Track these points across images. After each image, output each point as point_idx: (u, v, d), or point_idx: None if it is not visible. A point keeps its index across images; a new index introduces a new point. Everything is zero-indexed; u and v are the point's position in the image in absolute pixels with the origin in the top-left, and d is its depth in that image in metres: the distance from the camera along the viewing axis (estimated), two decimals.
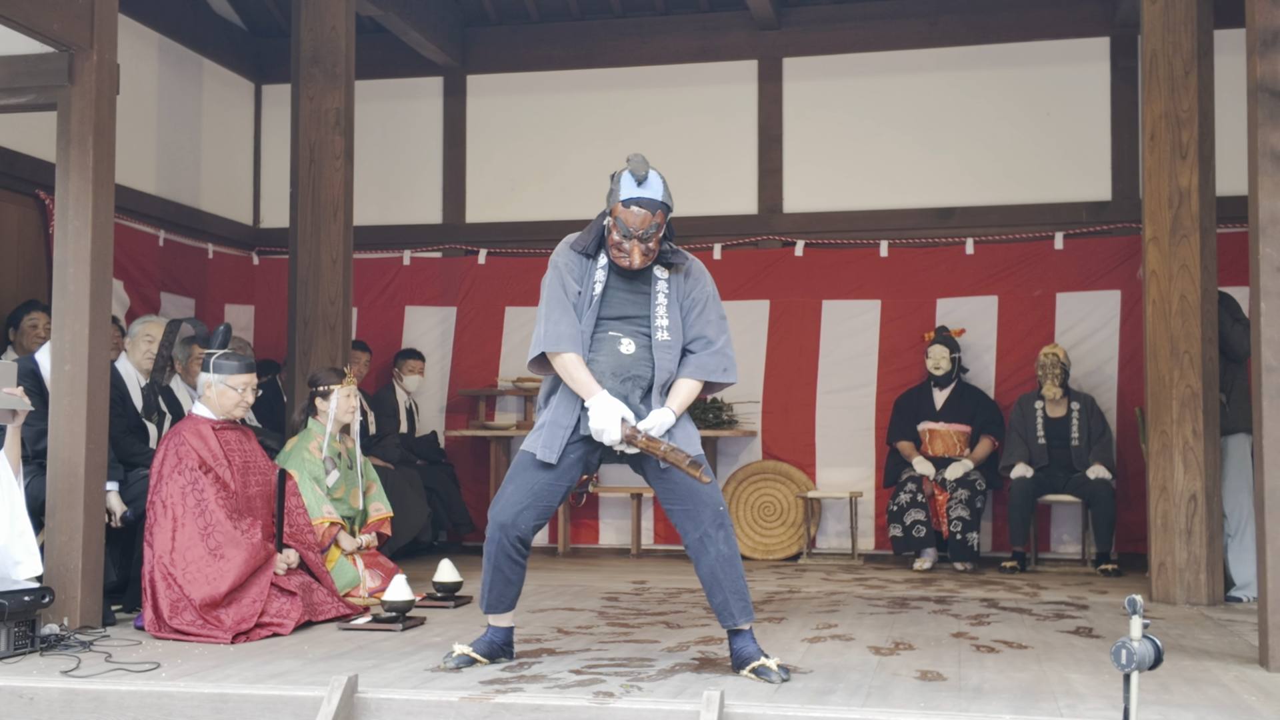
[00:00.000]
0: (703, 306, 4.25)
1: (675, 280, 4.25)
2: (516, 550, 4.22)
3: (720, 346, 4.24)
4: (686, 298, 4.25)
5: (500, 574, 4.25)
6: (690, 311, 4.25)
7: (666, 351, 4.20)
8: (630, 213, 4.08)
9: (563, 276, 4.22)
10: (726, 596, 4.10)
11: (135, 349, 6.00)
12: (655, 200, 4.08)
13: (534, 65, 8.89)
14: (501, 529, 4.19)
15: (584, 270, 4.25)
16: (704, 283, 4.29)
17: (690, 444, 4.18)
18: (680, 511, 4.13)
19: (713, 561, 4.09)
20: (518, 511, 4.17)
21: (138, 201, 7.81)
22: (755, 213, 8.55)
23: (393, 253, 8.98)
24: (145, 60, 7.98)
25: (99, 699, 3.88)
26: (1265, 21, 4.44)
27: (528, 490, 4.18)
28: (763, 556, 8.07)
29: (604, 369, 4.17)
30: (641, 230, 4.08)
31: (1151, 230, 6.03)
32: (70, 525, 4.95)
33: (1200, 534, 5.88)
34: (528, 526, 4.19)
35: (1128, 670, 2.85)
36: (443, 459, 8.50)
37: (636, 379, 4.18)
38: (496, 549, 4.21)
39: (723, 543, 4.09)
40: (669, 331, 4.21)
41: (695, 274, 4.29)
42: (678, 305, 4.24)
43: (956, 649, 4.69)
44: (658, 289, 4.23)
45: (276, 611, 4.95)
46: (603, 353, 4.19)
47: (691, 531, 4.11)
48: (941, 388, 7.84)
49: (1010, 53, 8.27)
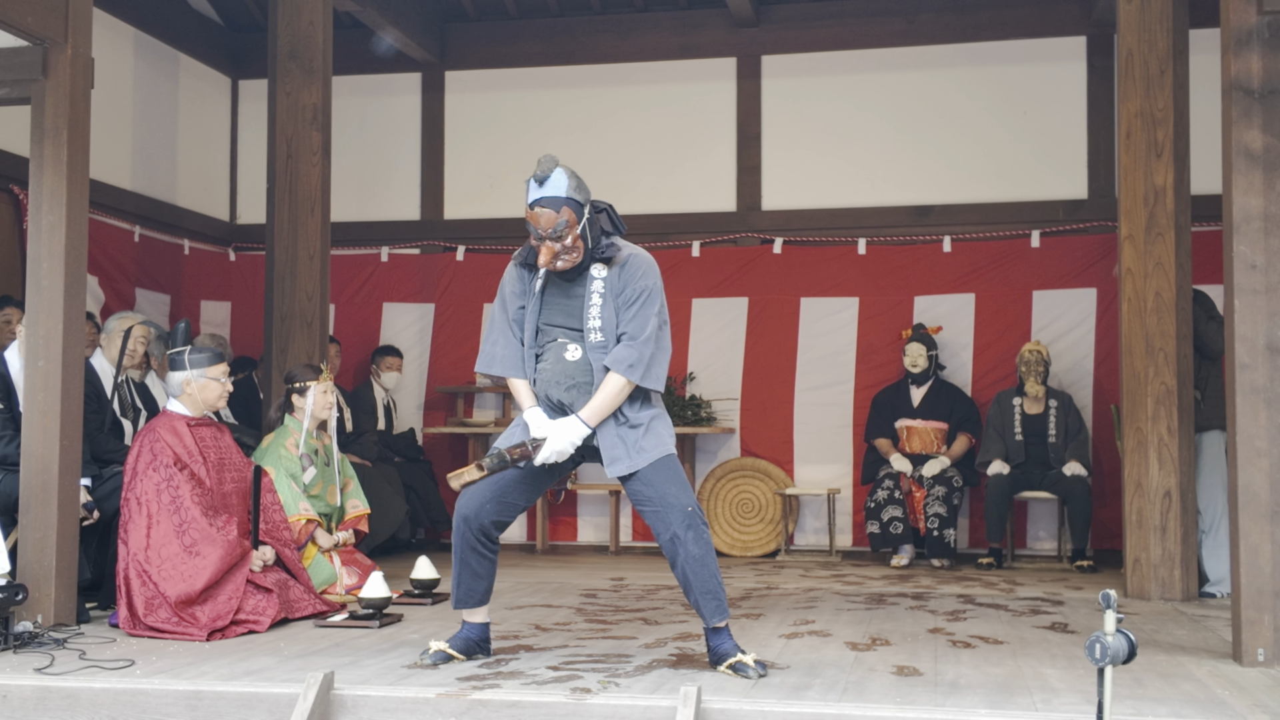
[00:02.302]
0: (631, 303, 4.11)
1: (612, 276, 4.16)
2: (481, 544, 4.22)
3: (640, 341, 4.07)
4: (621, 294, 4.13)
5: (467, 567, 4.25)
6: (623, 307, 4.13)
7: (601, 353, 4.13)
8: (534, 214, 4.05)
9: (504, 295, 4.29)
10: (698, 598, 4.09)
11: (110, 345, 5.97)
12: (557, 198, 4.02)
13: (513, 62, 8.87)
14: (464, 521, 4.20)
15: (526, 283, 4.26)
16: (638, 277, 4.13)
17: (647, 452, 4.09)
18: (650, 513, 4.10)
19: (683, 563, 4.07)
20: (480, 504, 4.18)
21: (113, 196, 7.76)
22: (734, 210, 8.56)
23: (370, 249, 8.95)
24: (120, 54, 7.93)
25: (73, 696, 3.85)
26: (1239, 21, 4.47)
27: (492, 484, 4.19)
28: (741, 553, 8.08)
29: (550, 378, 4.17)
30: (549, 230, 4.02)
31: (1127, 228, 6.06)
32: (44, 522, 4.91)
33: (1174, 530, 5.92)
34: (489, 520, 4.20)
35: (1102, 665, 2.86)
36: (420, 456, 8.48)
37: (581, 385, 4.15)
38: (461, 541, 4.23)
39: (692, 544, 4.05)
40: (601, 332, 4.13)
41: (631, 268, 4.14)
42: (612, 303, 4.14)
43: (933, 644, 4.70)
44: (592, 289, 4.16)
45: (252, 609, 4.93)
46: (549, 360, 4.19)
47: (662, 533, 4.09)
48: (919, 385, 7.86)
49: (987, 51, 8.30)
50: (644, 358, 4.08)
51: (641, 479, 4.10)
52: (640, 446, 4.12)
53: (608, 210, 4.25)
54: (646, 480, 4.09)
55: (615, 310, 4.13)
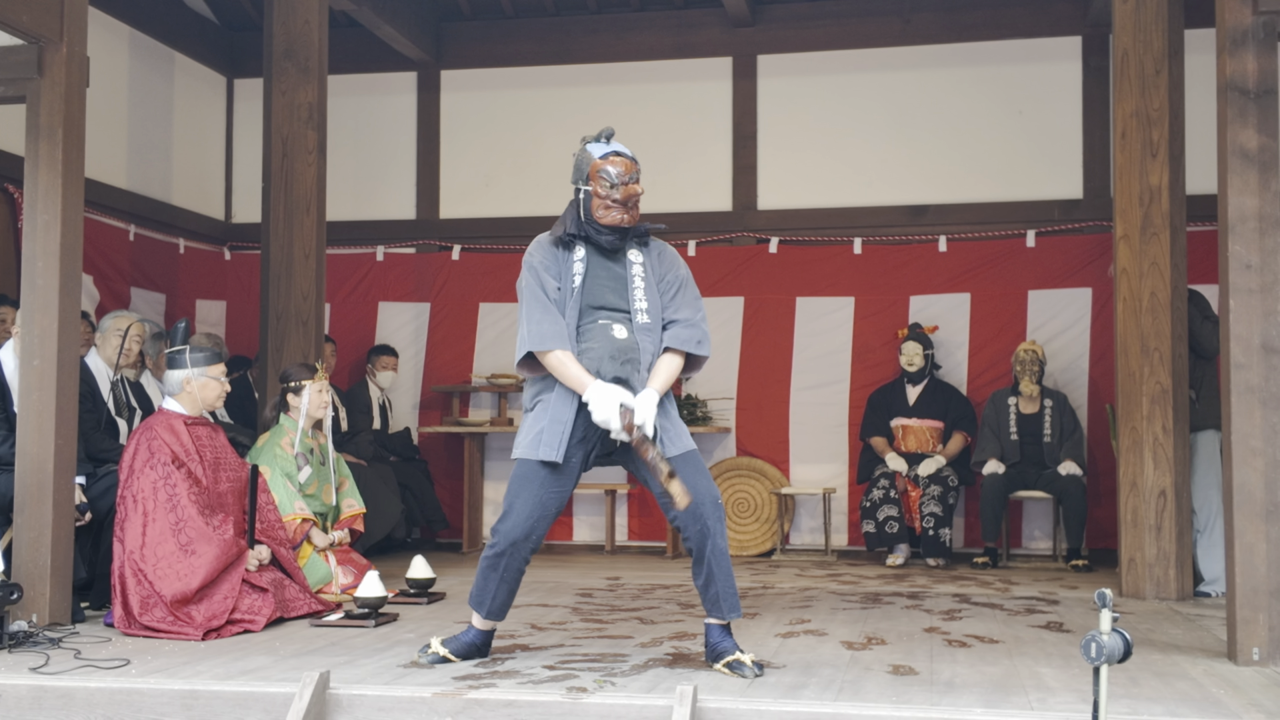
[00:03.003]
0: (678, 288, 4.28)
1: (650, 262, 4.28)
2: (526, 561, 4.22)
3: (696, 321, 4.25)
4: (662, 280, 4.28)
5: (507, 584, 4.23)
6: (666, 293, 4.26)
7: (648, 334, 4.20)
8: (611, 161, 4.20)
9: (539, 275, 4.19)
10: (719, 590, 4.10)
11: (106, 344, 5.96)
12: (627, 154, 4.24)
13: (509, 61, 8.87)
14: (514, 546, 4.14)
15: (561, 265, 4.22)
16: (678, 265, 4.34)
17: (680, 440, 4.15)
18: (684, 512, 4.03)
19: (710, 555, 4.07)
20: (531, 525, 4.13)
21: (108, 196, 7.75)
22: (730, 209, 8.56)
23: (366, 248, 8.94)
24: (116, 53, 7.92)
25: (68, 696, 3.85)
26: (1235, 21, 4.47)
27: (536, 503, 4.12)
28: (737, 552, 8.07)
29: (601, 354, 4.13)
30: (628, 175, 4.18)
31: (1122, 228, 6.07)
32: (39, 521, 4.91)
33: (1169, 530, 5.93)
34: (539, 537, 4.18)
35: (1097, 664, 2.87)
36: (416, 455, 8.48)
37: (634, 361, 4.15)
38: (508, 563, 4.17)
39: (720, 536, 4.09)
40: (648, 314, 4.21)
41: (669, 256, 4.34)
42: (655, 287, 4.25)
43: (928, 644, 4.71)
44: (634, 272, 4.24)
45: (248, 608, 4.93)
46: (597, 340, 4.15)
47: (692, 524, 4.05)
48: (914, 384, 7.87)
49: (983, 51, 8.31)
50: (705, 332, 4.26)
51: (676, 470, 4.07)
52: (681, 430, 4.21)
53: None
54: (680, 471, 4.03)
55: (659, 294, 4.26)
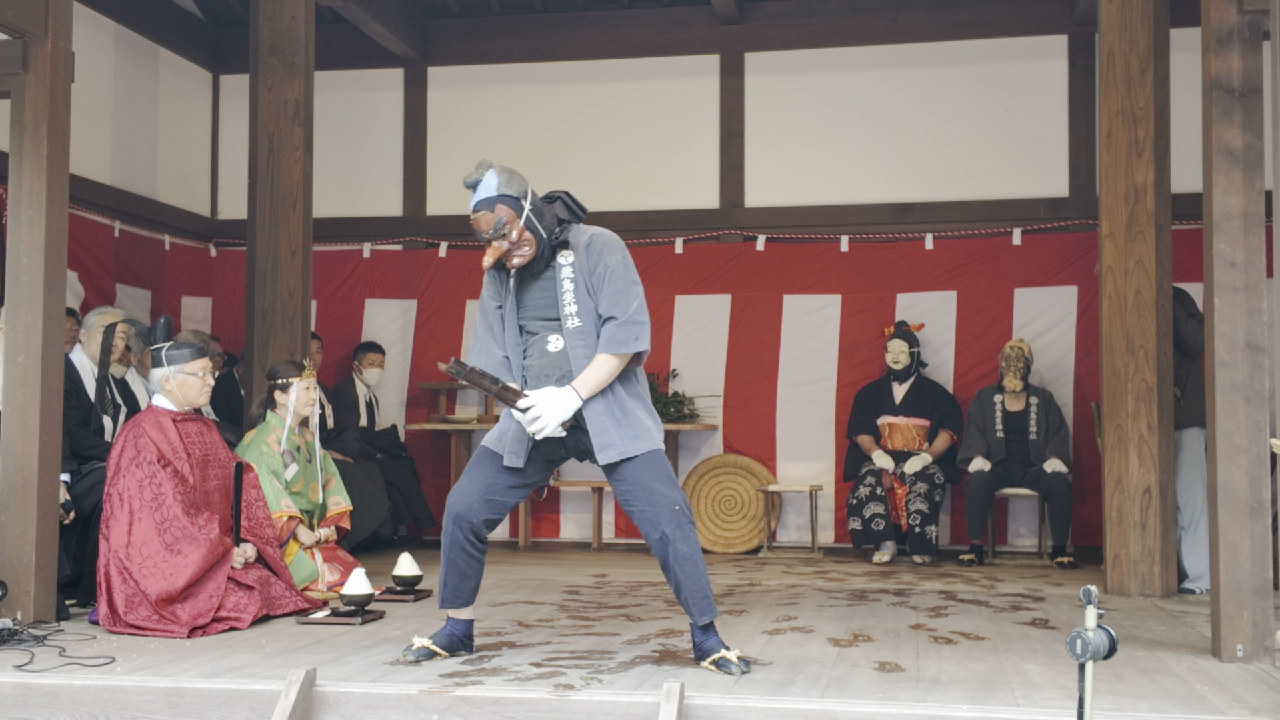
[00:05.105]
0: (605, 280, 4.13)
1: (579, 260, 4.18)
2: (470, 543, 4.21)
3: (630, 316, 4.10)
4: (592, 273, 4.15)
5: (455, 566, 4.24)
6: (595, 289, 4.16)
7: (579, 338, 4.15)
8: (474, 220, 4.13)
9: (483, 300, 4.32)
10: (688, 596, 4.09)
11: (90, 341, 5.93)
12: (489, 198, 4.08)
13: (495, 58, 8.85)
14: (455, 519, 4.19)
15: (500, 283, 4.28)
16: (605, 254, 4.15)
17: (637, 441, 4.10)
18: (639, 513, 4.09)
19: (673, 563, 4.07)
20: (470, 503, 4.19)
21: (93, 192, 7.71)
22: (717, 207, 8.57)
23: (352, 245, 8.92)
24: (101, 49, 7.88)
25: (53, 693, 3.83)
26: (1220, 20, 4.49)
27: (483, 483, 4.20)
28: (723, 550, 8.09)
29: (537, 372, 4.18)
30: (490, 230, 4.08)
31: (1108, 226, 6.09)
32: (24, 519, 4.88)
33: (1154, 527, 5.95)
34: (480, 519, 4.19)
35: (1082, 660, 2.87)
36: (403, 453, 8.46)
37: (568, 374, 4.14)
38: (450, 540, 4.22)
39: (681, 543, 4.04)
40: (579, 317, 4.15)
41: (596, 247, 4.17)
42: (584, 286, 4.16)
43: (915, 640, 4.72)
44: (562, 276, 4.18)
45: (233, 606, 4.91)
46: (534, 355, 4.20)
47: (651, 532, 4.08)
48: (901, 382, 7.89)
49: (969, 49, 8.33)
50: (641, 323, 4.12)
51: (629, 476, 4.08)
52: (633, 434, 4.12)
53: (563, 198, 4.25)
54: (634, 478, 4.08)
55: (589, 292, 4.15)
